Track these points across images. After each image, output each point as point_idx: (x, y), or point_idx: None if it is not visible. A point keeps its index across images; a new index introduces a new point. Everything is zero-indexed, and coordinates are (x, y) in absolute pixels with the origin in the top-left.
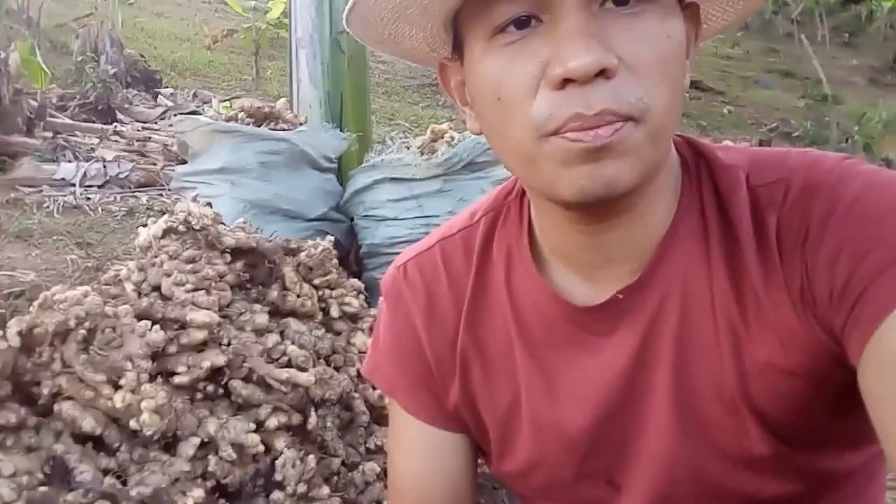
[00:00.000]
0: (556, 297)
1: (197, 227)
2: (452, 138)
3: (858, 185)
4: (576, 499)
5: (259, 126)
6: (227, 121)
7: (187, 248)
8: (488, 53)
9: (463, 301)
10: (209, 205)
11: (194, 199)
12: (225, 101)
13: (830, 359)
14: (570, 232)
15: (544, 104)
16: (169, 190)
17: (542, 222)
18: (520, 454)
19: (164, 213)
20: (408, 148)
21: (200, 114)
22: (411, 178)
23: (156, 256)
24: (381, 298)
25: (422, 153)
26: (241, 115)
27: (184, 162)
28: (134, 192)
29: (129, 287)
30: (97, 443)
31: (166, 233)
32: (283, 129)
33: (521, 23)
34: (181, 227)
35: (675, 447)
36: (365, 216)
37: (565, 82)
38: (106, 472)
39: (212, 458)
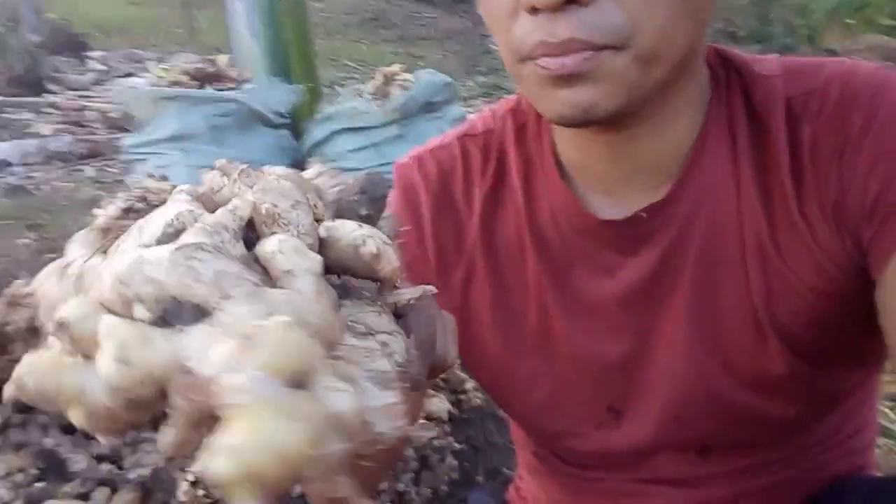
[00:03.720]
0: (578, 206)
1: (157, 203)
2: (405, 80)
3: (892, 95)
4: (571, 420)
5: (203, 87)
6: (170, 85)
7: None
8: None
9: (476, 200)
10: (164, 177)
11: (149, 175)
12: (162, 65)
13: (859, 276)
14: (586, 143)
15: (519, 28)
16: (115, 160)
17: (557, 131)
18: (520, 365)
19: (112, 184)
20: (360, 95)
21: (136, 76)
22: (368, 127)
23: (116, 238)
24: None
25: (374, 97)
26: (183, 77)
27: (128, 131)
28: (78, 165)
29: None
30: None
31: (125, 212)
32: (229, 88)
33: None
34: (140, 205)
35: (689, 367)
36: None
37: (534, 10)
38: (100, 458)
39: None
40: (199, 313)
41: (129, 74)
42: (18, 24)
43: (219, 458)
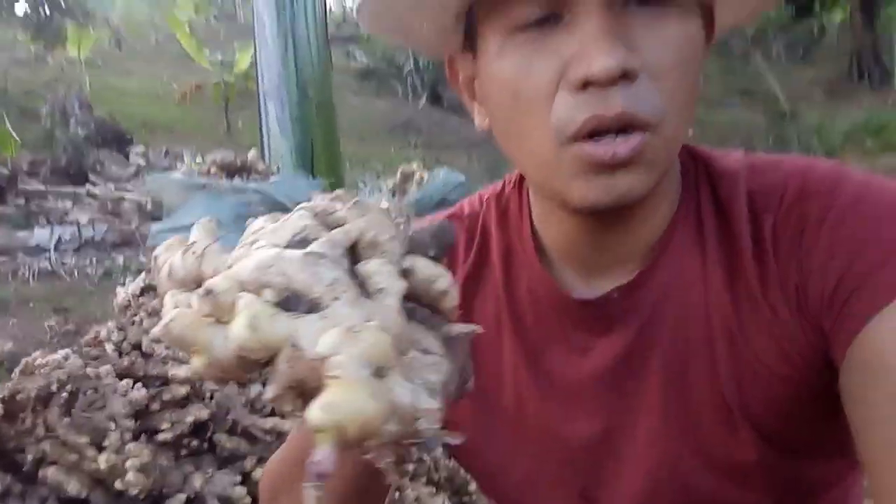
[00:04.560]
0: (554, 286)
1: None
2: (422, 178)
3: (852, 190)
4: (547, 502)
5: (231, 179)
6: (200, 176)
7: None
8: (506, 50)
9: (458, 279)
10: None
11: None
12: (197, 159)
13: (824, 365)
14: (571, 230)
15: (563, 106)
16: (146, 249)
17: (543, 216)
18: (495, 446)
19: (138, 272)
20: (379, 190)
21: (173, 170)
22: None
23: (135, 315)
24: None
25: (393, 194)
26: (213, 168)
27: (160, 220)
28: (110, 253)
29: (109, 347)
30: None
31: (144, 291)
32: (256, 181)
33: (542, 20)
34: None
35: (661, 453)
36: None
37: (586, 84)
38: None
39: None
40: (312, 307)
41: (167, 169)
42: (67, 117)
43: (316, 409)
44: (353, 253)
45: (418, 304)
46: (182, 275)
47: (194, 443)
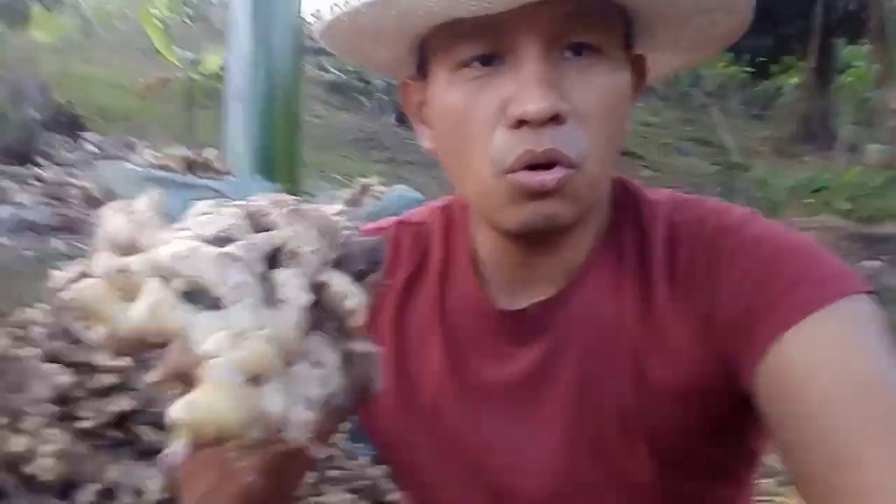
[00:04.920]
0: (483, 296)
1: None
2: (381, 192)
3: (759, 230)
4: (456, 502)
5: (186, 175)
6: (156, 169)
7: None
8: (452, 84)
9: (398, 280)
10: None
11: None
12: (153, 152)
13: (724, 386)
14: (502, 248)
15: (501, 141)
16: (87, 235)
17: (479, 236)
18: (410, 441)
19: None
20: (334, 201)
21: (127, 160)
22: None
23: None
24: None
25: (348, 205)
26: (169, 162)
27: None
28: (49, 237)
29: (38, 330)
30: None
31: (80, 277)
32: (212, 179)
33: (486, 60)
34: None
35: (565, 464)
36: None
37: (521, 123)
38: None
39: None
40: (214, 304)
41: (121, 158)
42: (22, 99)
43: (179, 405)
44: (275, 259)
45: (329, 315)
46: (119, 239)
47: (117, 433)
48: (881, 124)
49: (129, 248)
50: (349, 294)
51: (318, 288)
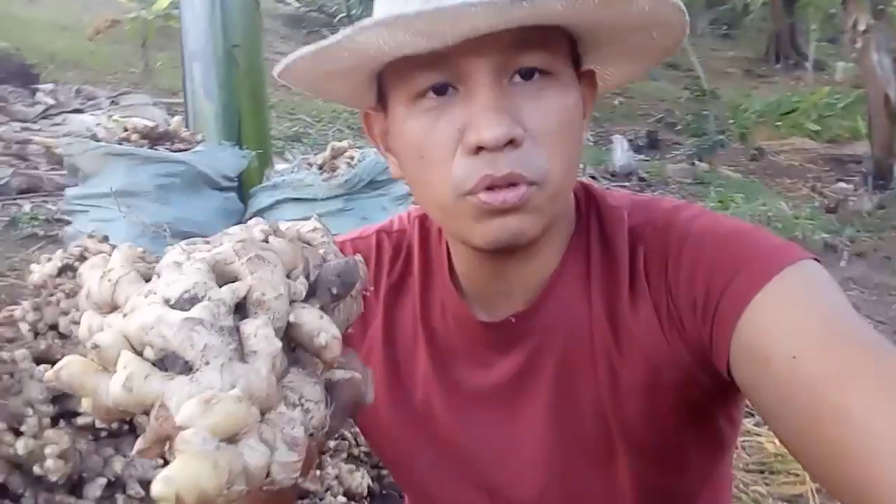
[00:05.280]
0: (464, 308)
1: None
2: (352, 158)
3: (703, 222)
4: (449, 496)
5: (154, 146)
6: (120, 142)
7: None
8: (410, 115)
9: (383, 290)
10: (106, 238)
11: (90, 235)
12: (113, 98)
13: (697, 374)
14: (475, 265)
15: (460, 167)
16: (54, 196)
17: (453, 252)
18: (405, 438)
19: (46, 222)
20: (309, 165)
21: (86, 113)
22: (313, 199)
23: (51, 295)
24: None
25: (321, 170)
26: (134, 136)
27: (73, 180)
28: (15, 199)
29: (24, 327)
30: (1, 491)
31: (62, 270)
32: (180, 149)
33: (439, 89)
34: (77, 264)
35: (546, 460)
36: None
37: (479, 149)
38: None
39: (119, 498)
40: (188, 368)
41: (79, 110)
42: None
43: (158, 481)
44: (244, 307)
45: (305, 350)
46: (97, 299)
47: (114, 425)
48: (846, 42)
49: (108, 306)
50: (320, 330)
51: (291, 327)
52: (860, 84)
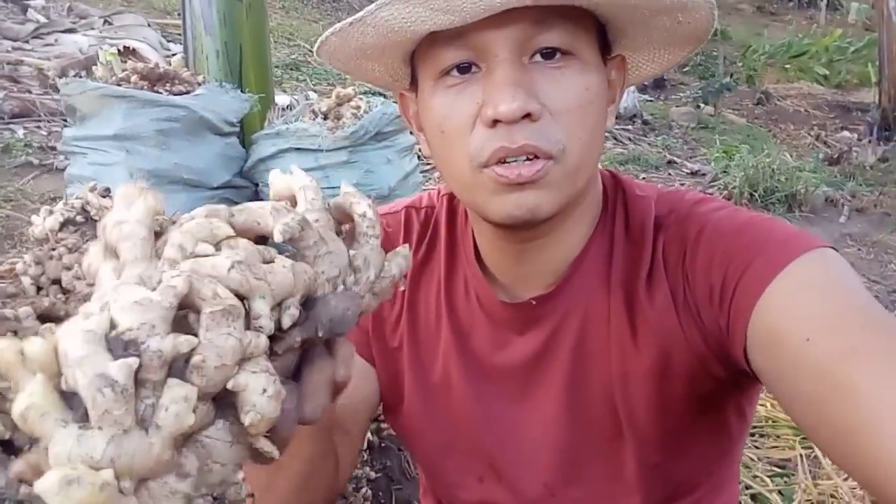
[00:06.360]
0: (486, 287)
1: (96, 218)
2: (358, 108)
3: (720, 214)
4: (457, 469)
5: (153, 87)
6: (119, 83)
7: (87, 240)
8: (435, 92)
9: (413, 268)
10: (107, 190)
11: (92, 189)
12: (106, 17)
13: (706, 360)
14: (497, 245)
15: (478, 139)
16: (47, 120)
17: (476, 232)
18: (422, 409)
19: (40, 149)
20: (313, 112)
21: (78, 33)
22: (317, 149)
23: (53, 249)
24: None
25: (325, 118)
26: (133, 76)
27: (67, 120)
28: (8, 123)
29: (26, 281)
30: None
31: (64, 225)
32: (180, 91)
33: (463, 68)
34: (79, 218)
35: (555, 439)
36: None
37: (495, 122)
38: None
39: None
40: (86, 418)
41: (71, 30)
42: None
43: None
44: (185, 360)
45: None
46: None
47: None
48: None
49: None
50: (253, 406)
51: (228, 394)
52: (873, 27)
